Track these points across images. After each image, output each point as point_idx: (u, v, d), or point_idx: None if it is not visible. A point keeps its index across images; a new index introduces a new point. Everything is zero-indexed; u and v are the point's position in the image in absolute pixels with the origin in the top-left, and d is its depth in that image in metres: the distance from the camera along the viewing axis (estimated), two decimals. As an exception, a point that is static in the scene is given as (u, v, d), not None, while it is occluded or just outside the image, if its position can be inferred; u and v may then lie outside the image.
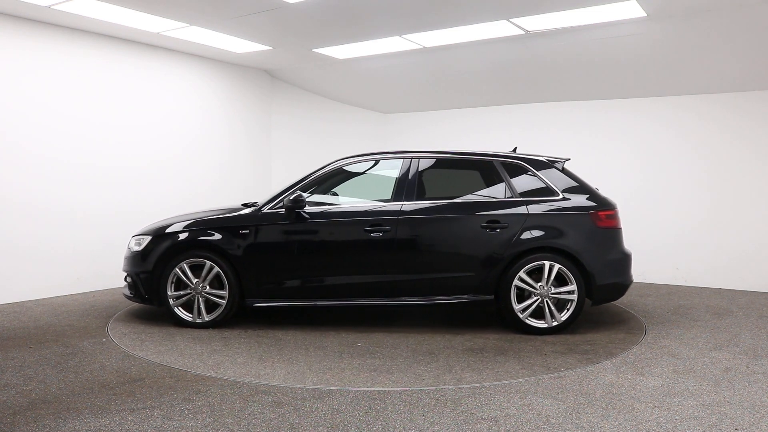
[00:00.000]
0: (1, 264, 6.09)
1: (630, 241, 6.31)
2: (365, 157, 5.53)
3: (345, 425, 3.19)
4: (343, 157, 5.62)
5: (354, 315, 5.76)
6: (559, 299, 5.04)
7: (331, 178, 5.54)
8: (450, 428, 3.16)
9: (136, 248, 5.42)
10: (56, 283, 6.54)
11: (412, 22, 6.14)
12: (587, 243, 5.05)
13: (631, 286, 5.43)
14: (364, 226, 5.16)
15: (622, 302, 6.31)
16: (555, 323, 5.03)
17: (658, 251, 7.60)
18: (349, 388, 3.74)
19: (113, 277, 7.04)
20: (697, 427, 3.17)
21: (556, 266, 4.99)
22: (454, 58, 7.34)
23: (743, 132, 7.15)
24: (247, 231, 5.22)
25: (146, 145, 7.34)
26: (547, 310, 5.02)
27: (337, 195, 5.62)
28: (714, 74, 6.91)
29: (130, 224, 7.13)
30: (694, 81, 7.16)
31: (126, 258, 5.54)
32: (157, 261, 5.26)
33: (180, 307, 5.28)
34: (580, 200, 5.19)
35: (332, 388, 3.75)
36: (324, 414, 3.33)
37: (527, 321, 5.04)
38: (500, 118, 8.85)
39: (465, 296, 5.11)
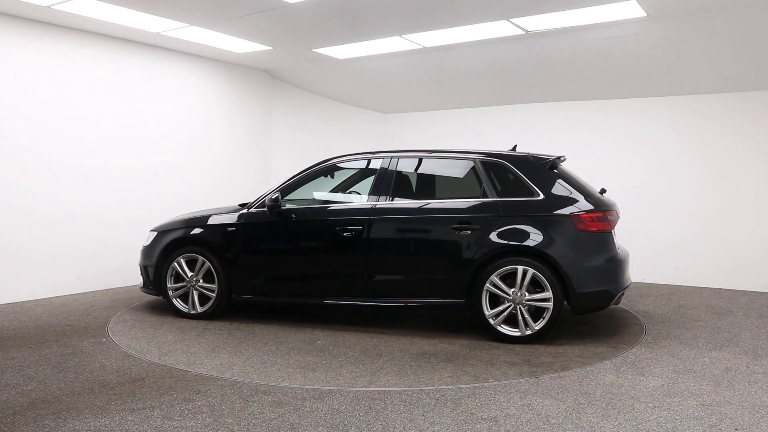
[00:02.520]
0: (1, 264, 6.09)
1: (630, 241, 6.32)
2: (349, 158, 5.55)
3: (345, 425, 3.19)
4: (329, 157, 5.68)
5: (340, 313, 5.78)
6: (536, 307, 4.70)
7: (316, 178, 5.61)
8: (450, 428, 3.16)
9: (146, 243, 5.88)
10: (56, 283, 6.54)
11: (412, 22, 6.14)
12: (566, 247, 4.67)
13: (631, 287, 5.25)
14: (337, 225, 5.18)
15: (621, 302, 6.30)
16: (529, 332, 4.69)
17: (658, 251, 7.60)
18: (349, 389, 3.75)
19: (113, 277, 7.05)
20: (697, 427, 3.17)
21: (530, 271, 4.67)
22: (454, 58, 7.34)
23: (743, 132, 7.15)
24: (234, 229, 5.48)
25: (146, 145, 7.34)
26: (520, 318, 4.70)
27: (321, 195, 5.71)
28: (714, 74, 6.91)
29: (131, 225, 7.15)
30: (694, 81, 7.16)
31: (140, 252, 5.95)
32: (159, 255, 5.67)
33: (178, 299, 5.65)
34: (561, 201, 4.81)
35: (332, 388, 3.75)
36: (324, 414, 3.33)
37: (498, 328, 4.75)
38: (500, 118, 8.85)
39: (435, 299, 4.94)
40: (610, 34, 6.16)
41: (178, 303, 5.64)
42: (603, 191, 5.31)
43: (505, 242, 4.76)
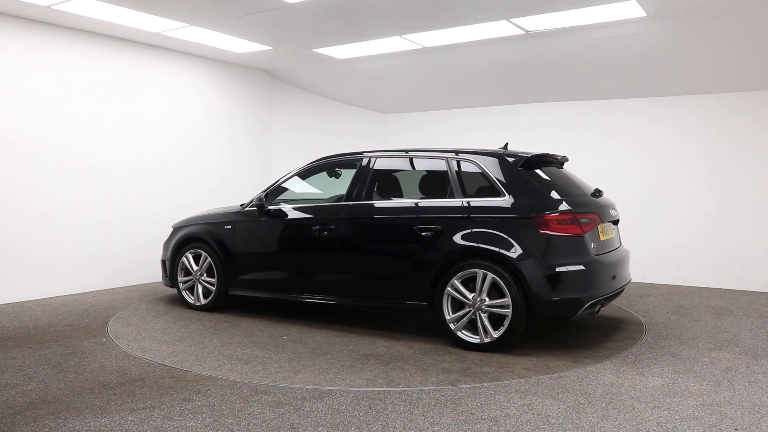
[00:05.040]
0: (1, 264, 6.09)
1: (630, 241, 6.32)
2: (336, 158, 5.61)
3: (345, 425, 3.19)
4: (319, 158, 5.76)
5: (330, 311, 5.86)
6: (496, 313, 4.47)
7: (305, 179, 5.75)
8: (450, 428, 3.16)
9: (166, 239, 6.32)
10: (56, 283, 6.54)
11: (412, 22, 6.14)
12: (527, 251, 4.38)
13: (622, 290, 4.93)
14: (314, 225, 5.27)
15: (621, 302, 6.31)
16: (488, 339, 4.46)
17: (658, 251, 7.60)
18: (349, 389, 3.75)
19: (113, 277, 7.05)
20: (697, 427, 3.17)
21: (490, 275, 4.44)
22: (454, 58, 7.34)
23: (743, 132, 7.15)
24: (230, 227, 5.78)
25: (147, 145, 7.34)
26: (479, 324, 4.50)
27: (306, 194, 5.88)
28: (714, 74, 6.91)
29: (131, 225, 7.15)
30: (694, 81, 7.16)
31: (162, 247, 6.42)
32: (172, 250, 6.12)
33: (187, 291, 6.05)
34: (526, 202, 4.52)
35: (332, 388, 3.75)
36: (324, 414, 3.33)
37: (459, 333, 4.57)
38: (500, 118, 8.84)
39: (399, 301, 4.88)
40: (610, 34, 6.16)
41: (187, 295, 6.04)
42: (597, 193, 5.09)
43: (466, 245, 4.57)
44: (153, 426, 3.17)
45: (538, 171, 4.84)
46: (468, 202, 4.71)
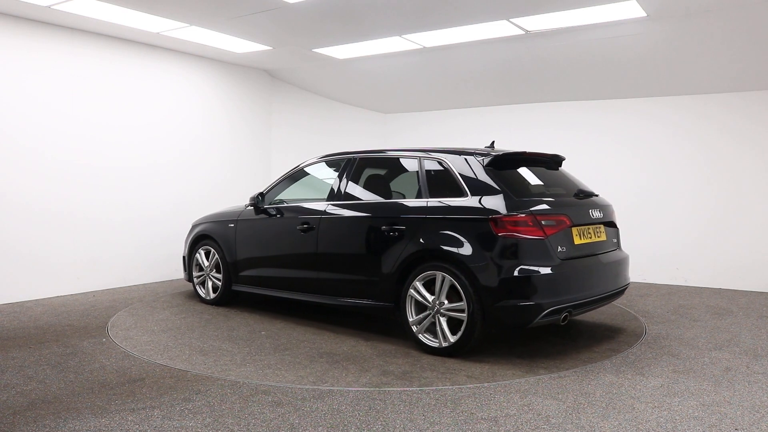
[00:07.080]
0: (1, 264, 6.09)
1: (630, 241, 6.32)
2: (326, 158, 5.67)
3: (345, 425, 3.19)
4: (317, 157, 5.83)
5: (320, 309, 5.92)
6: (456, 317, 4.36)
7: (299, 179, 5.85)
8: (450, 428, 3.16)
9: (186, 236, 6.61)
10: (56, 283, 6.54)
11: (412, 22, 6.14)
12: (482, 254, 4.23)
13: (629, 288, 4.87)
14: (298, 224, 5.39)
15: (621, 302, 6.31)
16: (446, 344, 4.36)
17: (658, 251, 7.60)
18: (350, 389, 3.75)
19: (113, 277, 7.05)
20: (697, 427, 3.17)
21: (447, 278, 4.34)
22: (454, 58, 7.34)
23: (743, 132, 7.15)
24: (232, 225, 6.01)
25: (147, 145, 7.34)
26: (438, 328, 4.41)
27: (299, 195, 5.94)
28: (714, 74, 6.91)
29: (131, 225, 7.15)
30: (694, 81, 7.16)
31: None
32: (189, 247, 6.45)
33: (200, 286, 6.35)
34: (485, 203, 4.33)
35: (332, 388, 3.75)
36: (324, 414, 3.33)
37: (420, 336, 4.50)
38: (500, 118, 8.85)
39: (367, 301, 4.88)
40: (610, 34, 6.16)
41: (199, 289, 6.34)
42: (580, 194, 4.81)
43: (425, 246, 4.49)
44: (153, 426, 3.17)
45: (516, 171, 4.69)
46: (431, 202, 4.63)
